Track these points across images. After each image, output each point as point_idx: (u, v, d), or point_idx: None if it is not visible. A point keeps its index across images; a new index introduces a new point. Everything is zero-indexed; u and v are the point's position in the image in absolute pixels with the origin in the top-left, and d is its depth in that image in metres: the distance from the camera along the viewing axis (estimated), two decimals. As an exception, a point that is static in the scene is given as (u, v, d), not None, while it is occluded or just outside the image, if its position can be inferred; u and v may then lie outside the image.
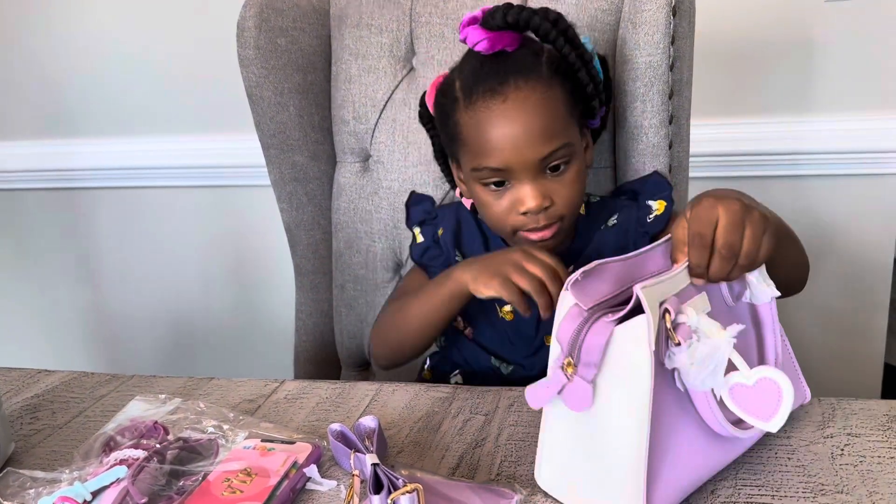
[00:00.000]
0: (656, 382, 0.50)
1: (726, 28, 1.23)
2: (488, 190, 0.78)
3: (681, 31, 0.85)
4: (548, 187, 0.76)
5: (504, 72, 0.75)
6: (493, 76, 0.75)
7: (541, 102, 0.74)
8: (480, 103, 0.75)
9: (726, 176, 1.31)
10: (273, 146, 1.04)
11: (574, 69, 0.77)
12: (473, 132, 0.76)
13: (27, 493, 0.59)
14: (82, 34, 1.50)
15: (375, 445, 0.61)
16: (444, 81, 0.82)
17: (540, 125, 0.74)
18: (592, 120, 0.84)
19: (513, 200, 0.77)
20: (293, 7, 1.02)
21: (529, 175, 0.75)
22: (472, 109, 0.76)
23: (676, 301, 0.52)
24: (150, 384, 0.82)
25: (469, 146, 0.77)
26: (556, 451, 0.57)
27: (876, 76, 1.22)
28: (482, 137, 0.75)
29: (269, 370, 1.61)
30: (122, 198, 1.62)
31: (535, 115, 0.74)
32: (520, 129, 0.74)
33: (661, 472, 0.53)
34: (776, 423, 0.51)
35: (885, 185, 1.27)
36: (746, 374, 0.51)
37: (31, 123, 1.59)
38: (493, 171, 0.76)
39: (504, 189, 0.77)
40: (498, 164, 0.75)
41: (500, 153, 0.74)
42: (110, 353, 1.78)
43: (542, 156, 0.74)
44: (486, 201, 0.79)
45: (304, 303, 1.13)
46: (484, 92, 0.75)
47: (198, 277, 1.64)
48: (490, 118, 0.74)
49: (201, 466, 0.61)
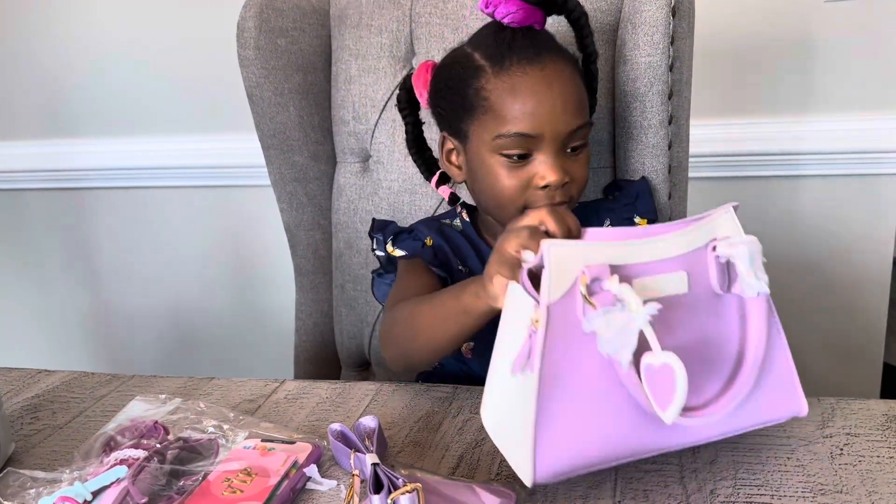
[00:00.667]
0: (580, 345, 0.51)
1: (726, 28, 1.23)
2: (507, 162, 0.76)
3: (680, 32, 0.86)
4: (567, 164, 0.77)
5: (538, 44, 0.76)
6: (529, 46, 0.75)
7: (573, 78, 0.76)
8: (517, 69, 0.74)
9: (726, 176, 1.31)
10: (273, 146, 1.04)
11: (590, 60, 0.81)
12: (507, 97, 0.75)
13: (27, 492, 0.59)
14: (83, 34, 1.50)
15: (375, 445, 0.61)
16: (453, 56, 0.81)
17: (574, 97, 0.76)
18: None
19: (531, 174, 0.76)
20: (293, 7, 1.02)
21: (554, 147, 0.75)
22: (507, 74, 0.75)
23: (604, 268, 0.51)
24: (151, 384, 0.82)
25: (496, 112, 0.76)
26: (490, 396, 0.58)
27: (876, 76, 1.22)
28: (517, 102, 0.74)
29: (269, 370, 1.61)
30: (122, 198, 1.62)
31: (570, 87, 0.75)
32: (559, 96, 0.74)
33: (564, 433, 0.52)
34: (670, 414, 0.49)
35: (885, 185, 1.27)
36: (656, 354, 0.49)
37: (33, 123, 1.60)
38: (521, 139, 0.75)
39: (524, 163, 0.76)
40: (530, 129, 0.74)
41: (536, 118, 0.74)
42: (111, 353, 1.78)
43: (572, 127, 0.75)
44: (499, 174, 0.77)
45: (304, 303, 1.13)
46: (520, 59, 0.74)
47: (198, 277, 1.65)
48: (527, 83, 0.74)
49: (201, 466, 0.61)
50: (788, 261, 1.34)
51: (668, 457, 0.62)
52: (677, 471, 0.60)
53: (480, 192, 0.81)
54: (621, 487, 0.58)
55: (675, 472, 0.60)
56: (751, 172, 1.30)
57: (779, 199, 1.32)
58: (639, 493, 0.57)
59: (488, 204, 0.82)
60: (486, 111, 0.76)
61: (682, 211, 0.97)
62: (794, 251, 1.34)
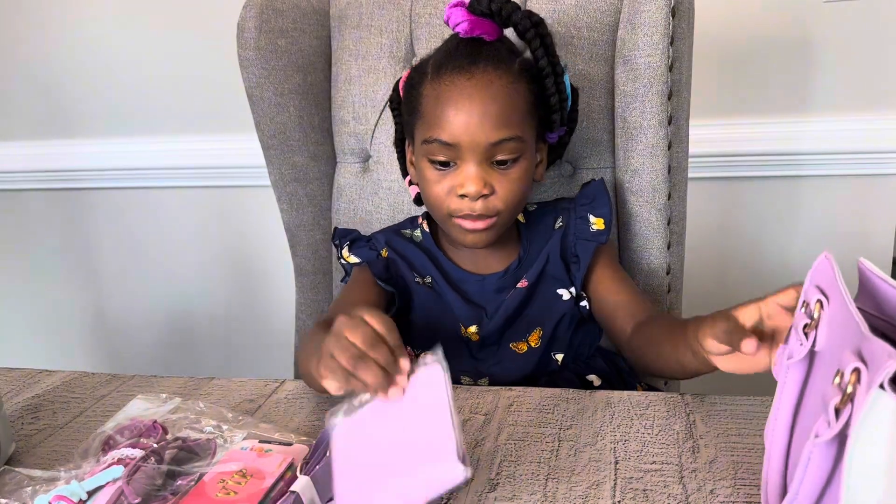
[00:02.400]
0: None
1: (725, 29, 1.24)
2: (433, 168, 0.79)
3: (680, 32, 0.86)
4: (491, 176, 0.77)
5: (476, 55, 0.77)
6: (466, 56, 0.77)
7: (504, 90, 0.76)
8: (446, 77, 0.77)
9: (726, 176, 1.31)
10: (273, 147, 1.04)
11: (542, 74, 0.79)
12: (433, 104, 0.77)
13: (24, 490, 0.59)
14: (82, 35, 1.50)
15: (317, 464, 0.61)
16: (420, 60, 0.84)
17: (497, 110, 0.75)
18: (550, 133, 0.85)
19: (454, 182, 0.78)
20: (293, 8, 1.02)
21: (475, 159, 0.76)
22: (437, 82, 0.77)
23: None
24: (151, 384, 0.82)
25: (425, 117, 0.79)
26: None
27: (875, 76, 1.22)
28: (440, 109, 0.76)
29: (269, 370, 1.61)
30: (122, 198, 1.62)
31: (494, 100, 0.75)
32: (477, 108, 0.75)
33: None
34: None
35: (884, 185, 1.27)
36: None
37: (32, 124, 1.60)
38: (443, 146, 0.77)
39: (448, 170, 0.78)
40: (448, 138, 0.76)
41: (454, 128, 0.76)
42: (111, 353, 1.78)
43: (492, 140, 0.76)
44: (429, 178, 0.80)
45: (304, 303, 1.13)
46: (452, 68, 0.76)
47: (198, 278, 1.65)
48: (451, 92, 0.76)
49: (198, 467, 0.61)
50: (788, 261, 1.34)
51: (668, 457, 0.62)
52: (677, 471, 0.60)
53: (421, 194, 0.85)
54: (621, 487, 0.58)
55: (675, 472, 0.60)
56: (751, 172, 1.30)
57: (779, 199, 1.32)
58: (639, 493, 0.57)
59: (426, 206, 0.86)
60: (420, 116, 0.80)
61: (682, 211, 0.97)
62: (793, 251, 1.34)
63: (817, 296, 0.47)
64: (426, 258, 0.88)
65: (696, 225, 1.18)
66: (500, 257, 0.87)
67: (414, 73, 0.83)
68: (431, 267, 0.88)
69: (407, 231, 0.92)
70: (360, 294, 0.87)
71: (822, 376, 0.45)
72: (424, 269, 0.88)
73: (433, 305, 0.87)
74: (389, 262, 0.89)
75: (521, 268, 0.87)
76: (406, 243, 0.90)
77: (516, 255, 0.88)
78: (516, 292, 0.85)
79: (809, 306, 0.47)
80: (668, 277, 0.96)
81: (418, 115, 0.80)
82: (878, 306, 0.46)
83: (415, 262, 0.89)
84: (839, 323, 0.44)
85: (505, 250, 0.88)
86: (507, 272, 0.87)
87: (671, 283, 0.97)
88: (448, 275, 0.88)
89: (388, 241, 0.91)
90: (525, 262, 0.87)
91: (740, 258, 1.36)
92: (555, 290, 0.86)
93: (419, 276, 0.88)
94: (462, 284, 0.87)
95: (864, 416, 0.38)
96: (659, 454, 0.62)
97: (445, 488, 0.52)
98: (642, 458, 0.62)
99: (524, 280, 0.86)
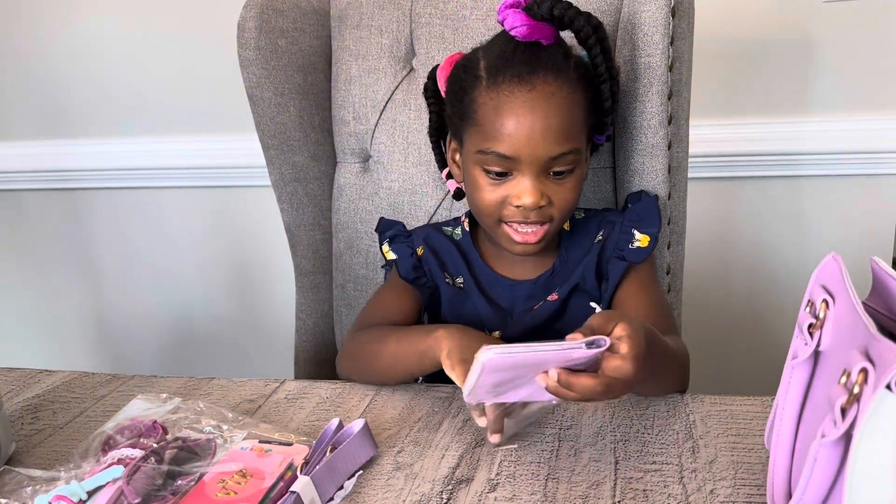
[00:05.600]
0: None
1: (725, 29, 1.24)
2: (487, 176, 0.77)
3: (680, 32, 0.86)
4: (548, 188, 0.76)
5: (535, 62, 0.74)
6: (524, 64, 0.74)
7: (565, 102, 0.74)
8: (505, 87, 0.74)
9: (726, 176, 1.31)
10: (273, 147, 1.04)
11: (600, 80, 0.77)
12: (491, 114, 0.75)
13: (24, 490, 0.59)
14: (82, 34, 1.50)
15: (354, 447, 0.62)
16: (467, 57, 0.81)
17: (559, 124, 0.73)
18: (600, 136, 0.83)
19: (509, 192, 0.76)
20: (294, 8, 1.02)
21: (533, 170, 0.75)
22: (496, 91, 0.74)
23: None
24: (151, 384, 0.82)
25: (481, 127, 0.76)
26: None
27: (875, 76, 1.22)
28: (499, 121, 0.74)
29: (269, 370, 1.61)
30: (122, 198, 1.62)
31: (557, 113, 0.73)
32: (539, 121, 0.73)
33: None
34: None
35: (884, 185, 1.27)
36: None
37: (32, 124, 1.60)
38: (500, 158, 0.75)
39: (503, 179, 0.76)
40: (508, 151, 0.74)
41: (514, 141, 0.73)
42: (111, 353, 1.78)
43: (553, 154, 0.74)
44: (481, 185, 0.78)
45: (305, 303, 1.13)
46: (511, 77, 0.74)
47: (198, 278, 1.65)
48: (512, 104, 0.73)
49: (198, 467, 0.61)
50: (788, 260, 1.34)
51: (668, 457, 0.62)
52: (677, 471, 0.60)
53: (468, 196, 0.82)
54: (621, 487, 0.58)
55: (675, 472, 0.60)
56: (751, 172, 1.30)
57: (779, 199, 1.32)
58: (639, 493, 0.58)
59: (472, 209, 0.84)
60: (475, 123, 0.77)
61: (682, 211, 0.97)
62: (793, 251, 1.34)
63: (823, 295, 0.47)
64: (461, 258, 0.88)
65: (696, 225, 1.18)
66: (536, 264, 0.85)
67: (464, 73, 0.79)
68: (464, 267, 0.87)
69: (448, 229, 0.91)
70: (398, 300, 0.88)
71: (827, 376, 0.45)
72: (457, 269, 0.87)
73: (460, 306, 0.86)
74: (422, 261, 0.88)
75: (555, 277, 0.85)
76: (444, 241, 0.89)
77: (551, 264, 0.85)
78: (546, 305, 0.84)
79: (815, 306, 0.47)
80: (668, 277, 0.96)
81: (472, 121, 0.77)
82: (889, 305, 0.46)
83: (448, 261, 0.88)
84: (846, 323, 0.44)
85: (542, 258, 0.85)
86: (537, 281, 0.85)
87: (671, 283, 0.97)
88: (479, 277, 0.87)
89: (427, 237, 0.89)
90: (560, 273, 0.85)
91: (740, 258, 1.36)
92: (588, 303, 0.84)
93: (450, 276, 0.87)
94: (491, 287, 0.86)
95: (869, 416, 0.38)
96: (659, 454, 0.63)
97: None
98: (642, 458, 0.62)
99: (555, 293, 0.84)
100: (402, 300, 0.88)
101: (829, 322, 0.46)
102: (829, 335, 0.46)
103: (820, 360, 0.47)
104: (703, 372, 1.36)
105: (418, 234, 0.91)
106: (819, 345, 0.46)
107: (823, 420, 0.42)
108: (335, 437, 0.63)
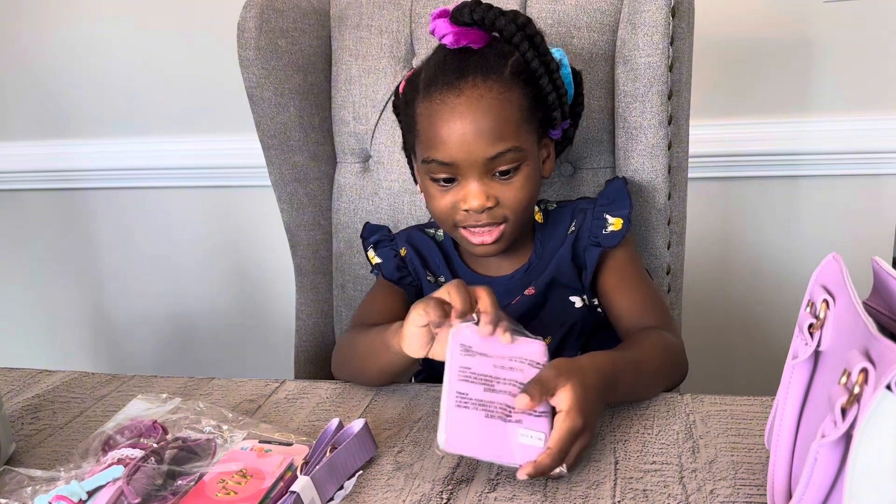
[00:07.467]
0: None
1: (725, 29, 1.24)
2: (436, 185, 0.79)
3: (680, 32, 0.86)
4: (493, 188, 0.77)
5: (464, 68, 0.75)
6: (453, 71, 0.75)
7: (495, 103, 0.74)
8: (437, 96, 0.75)
9: (726, 176, 1.31)
10: (273, 147, 1.04)
11: (536, 76, 0.78)
12: (427, 124, 0.77)
13: (24, 490, 0.59)
14: (83, 34, 1.50)
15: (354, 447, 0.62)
16: (414, 71, 0.83)
17: (490, 125, 0.74)
18: (553, 131, 0.83)
19: (456, 197, 0.77)
20: (294, 8, 1.02)
21: (476, 174, 0.76)
22: (429, 101, 0.76)
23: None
24: (151, 384, 0.82)
25: (422, 137, 0.78)
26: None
27: (875, 76, 1.22)
28: (433, 130, 0.76)
29: (269, 370, 1.61)
30: (122, 198, 1.62)
31: (486, 115, 0.74)
32: (469, 126, 0.74)
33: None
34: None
35: (884, 185, 1.27)
36: None
37: (32, 124, 1.60)
38: (441, 165, 0.76)
39: (451, 186, 0.78)
40: (445, 158, 0.76)
41: (449, 148, 0.75)
42: (111, 353, 1.78)
43: (489, 155, 0.75)
44: (432, 194, 0.80)
45: (305, 303, 1.13)
46: (442, 85, 0.75)
47: (198, 278, 1.65)
48: (443, 112, 0.75)
49: (198, 467, 0.61)
50: (788, 260, 1.34)
51: (667, 457, 0.62)
52: (677, 471, 0.60)
53: (426, 205, 0.84)
54: (621, 487, 0.58)
55: (675, 472, 0.60)
56: (751, 172, 1.30)
57: (779, 199, 1.32)
58: (639, 493, 0.58)
59: (434, 220, 0.85)
60: (418, 134, 0.79)
61: (682, 211, 0.97)
62: (793, 251, 1.34)
63: (823, 295, 0.47)
64: (442, 258, 0.89)
65: (696, 225, 1.18)
66: (512, 260, 0.86)
67: (409, 86, 0.81)
68: (445, 267, 0.89)
69: (431, 230, 0.92)
70: (384, 300, 0.90)
71: (827, 376, 0.45)
72: (438, 269, 0.89)
73: None
74: (406, 261, 0.90)
75: (531, 272, 0.85)
76: (427, 241, 0.91)
77: (527, 259, 0.86)
78: (523, 300, 0.84)
79: (815, 306, 0.47)
80: (668, 277, 0.96)
81: (415, 133, 0.79)
82: (890, 305, 0.46)
83: (430, 261, 0.90)
84: (846, 323, 0.44)
85: (517, 254, 0.86)
86: (513, 276, 0.86)
87: (671, 283, 0.97)
88: (459, 276, 0.88)
89: (410, 238, 0.91)
90: (535, 267, 0.85)
91: (740, 258, 1.36)
92: (567, 297, 0.84)
93: (432, 275, 0.89)
94: (471, 286, 0.87)
95: (869, 416, 0.38)
96: (659, 454, 0.63)
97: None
98: (642, 458, 0.62)
99: (532, 287, 0.84)
100: (389, 300, 0.89)
101: (829, 322, 0.46)
102: (830, 335, 0.46)
103: (820, 360, 0.47)
104: (703, 372, 1.36)
105: (401, 235, 0.93)
106: (819, 345, 0.46)
107: (823, 420, 0.42)
108: (335, 437, 0.63)
